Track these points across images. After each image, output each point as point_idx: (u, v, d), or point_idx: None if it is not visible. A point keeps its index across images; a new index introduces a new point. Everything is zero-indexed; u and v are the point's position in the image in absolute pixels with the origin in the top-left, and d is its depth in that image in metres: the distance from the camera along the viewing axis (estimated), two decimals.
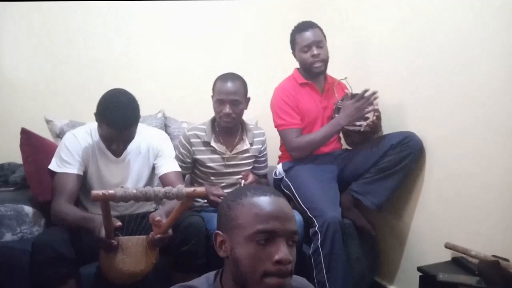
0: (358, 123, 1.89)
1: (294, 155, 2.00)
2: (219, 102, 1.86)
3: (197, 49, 2.50)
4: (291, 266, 0.84)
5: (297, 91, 2.03)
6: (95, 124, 1.67)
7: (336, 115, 1.99)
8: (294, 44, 2.05)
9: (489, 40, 1.52)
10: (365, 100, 1.84)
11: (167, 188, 1.31)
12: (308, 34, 1.98)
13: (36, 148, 1.72)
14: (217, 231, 0.91)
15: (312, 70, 1.99)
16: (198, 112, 2.17)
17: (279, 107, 2.01)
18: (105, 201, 1.24)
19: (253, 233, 0.84)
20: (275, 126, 2.04)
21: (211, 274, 0.95)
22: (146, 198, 1.28)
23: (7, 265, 1.47)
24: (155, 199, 1.32)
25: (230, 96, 1.83)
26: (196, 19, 2.50)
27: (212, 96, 1.92)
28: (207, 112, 2.00)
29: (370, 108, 1.86)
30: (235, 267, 0.86)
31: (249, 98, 1.93)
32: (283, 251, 0.83)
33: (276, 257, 0.82)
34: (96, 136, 1.67)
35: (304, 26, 2.01)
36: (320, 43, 1.98)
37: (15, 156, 1.91)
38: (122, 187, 1.27)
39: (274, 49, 2.61)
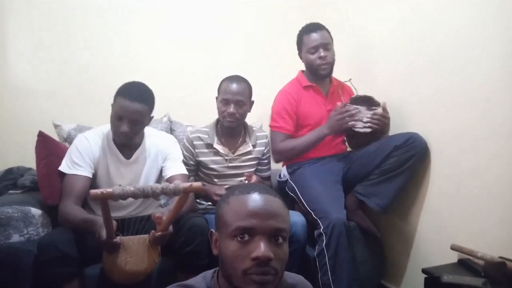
0: (366, 126, 1.88)
1: (275, 158, 2.07)
2: (224, 101, 1.87)
3: (197, 49, 2.50)
4: (276, 264, 0.83)
5: (300, 95, 2.04)
6: (106, 127, 1.70)
7: None
8: (301, 45, 2.04)
9: (489, 40, 1.53)
10: (345, 114, 1.86)
11: (164, 185, 1.32)
12: (316, 36, 1.98)
13: (50, 151, 1.73)
14: (211, 230, 0.94)
15: (318, 72, 2.00)
16: (198, 112, 2.17)
17: (277, 111, 2.04)
18: (104, 200, 1.24)
19: (232, 230, 0.85)
20: (269, 125, 2.08)
21: (208, 273, 0.96)
22: (144, 195, 1.29)
23: (13, 265, 1.48)
24: (153, 196, 1.33)
25: (236, 96, 1.85)
26: (196, 19, 2.50)
27: (217, 97, 1.93)
28: (207, 112, 2.01)
29: (366, 119, 1.87)
30: (221, 264, 0.88)
31: (253, 102, 1.94)
32: (261, 249, 0.82)
33: (253, 254, 0.82)
34: (107, 139, 1.69)
35: (312, 27, 2.01)
36: (327, 45, 1.99)
37: (24, 160, 1.92)
38: (120, 185, 1.28)
39: (274, 49, 2.62)
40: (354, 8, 2.31)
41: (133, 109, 1.58)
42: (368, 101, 1.94)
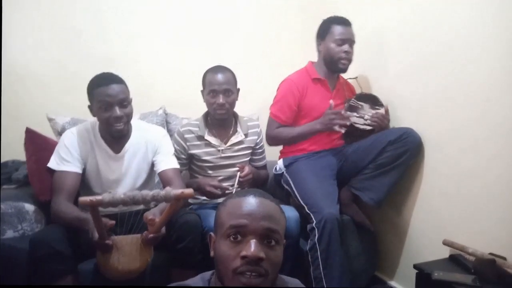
0: (366, 123, 1.93)
1: (268, 142, 2.11)
2: (212, 93, 1.86)
3: (197, 49, 2.50)
4: (266, 265, 0.84)
5: (307, 87, 2.04)
6: (93, 121, 1.69)
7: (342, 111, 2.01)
8: (327, 33, 2.02)
9: (489, 40, 1.53)
10: (337, 116, 1.86)
11: (155, 192, 1.32)
12: (347, 30, 2.00)
13: (39, 147, 1.73)
14: (210, 233, 0.97)
15: (337, 65, 2.01)
16: (198, 112, 2.16)
17: (278, 99, 2.06)
18: (93, 207, 1.24)
19: (226, 229, 0.87)
20: (269, 108, 2.09)
21: (207, 273, 0.97)
22: (134, 202, 1.30)
23: (7, 262, 1.48)
24: (144, 203, 1.34)
25: (223, 86, 1.84)
26: (196, 19, 2.50)
27: (203, 91, 1.92)
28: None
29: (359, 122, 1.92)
30: (215, 265, 0.89)
31: (239, 89, 1.94)
32: (251, 248, 0.83)
33: (243, 253, 0.83)
34: (95, 133, 1.69)
35: (343, 21, 2.02)
36: (353, 43, 2.01)
37: (19, 153, 1.91)
38: (110, 192, 1.29)
39: (274, 49, 2.61)
40: (354, 8, 2.31)
41: (117, 91, 1.59)
42: (372, 100, 1.97)
